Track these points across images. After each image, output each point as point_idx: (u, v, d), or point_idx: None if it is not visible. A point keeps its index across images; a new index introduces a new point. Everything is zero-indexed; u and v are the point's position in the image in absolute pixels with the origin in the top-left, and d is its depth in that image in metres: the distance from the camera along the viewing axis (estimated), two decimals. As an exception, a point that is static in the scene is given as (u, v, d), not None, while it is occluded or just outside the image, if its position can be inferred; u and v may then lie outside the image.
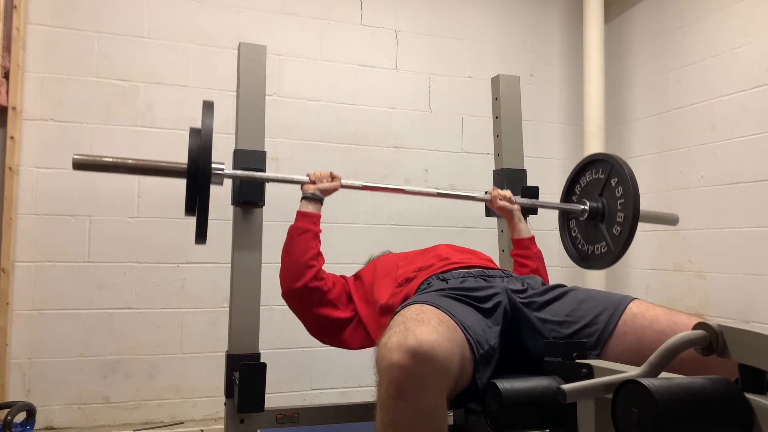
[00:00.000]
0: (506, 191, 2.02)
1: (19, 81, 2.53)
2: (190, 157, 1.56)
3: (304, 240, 1.71)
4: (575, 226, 2.13)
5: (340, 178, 1.85)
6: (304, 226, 1.73)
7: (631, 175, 1.89)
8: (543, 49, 3.51)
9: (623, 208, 1.91)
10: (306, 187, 1.81)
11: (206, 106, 1.59)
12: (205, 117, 1.56)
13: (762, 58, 2.57)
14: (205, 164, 1.54)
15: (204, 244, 1.62)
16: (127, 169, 1.69)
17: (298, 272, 1.69)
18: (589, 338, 1.25)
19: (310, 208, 1.77)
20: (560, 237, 2.19)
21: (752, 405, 0.69)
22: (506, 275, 1.51)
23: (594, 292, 1.40)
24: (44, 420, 2.54)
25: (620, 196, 1.93)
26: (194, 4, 2.85)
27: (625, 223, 1.88)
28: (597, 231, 2.00)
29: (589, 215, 2.01)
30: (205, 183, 1.54)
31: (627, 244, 1.89)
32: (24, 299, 2.55)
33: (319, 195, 1.79)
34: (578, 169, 2.13)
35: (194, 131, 1.60)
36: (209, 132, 1.55)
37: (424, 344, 0.99)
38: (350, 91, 3.09)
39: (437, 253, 1.65)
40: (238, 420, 1.72)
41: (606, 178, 1.99)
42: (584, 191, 2.09)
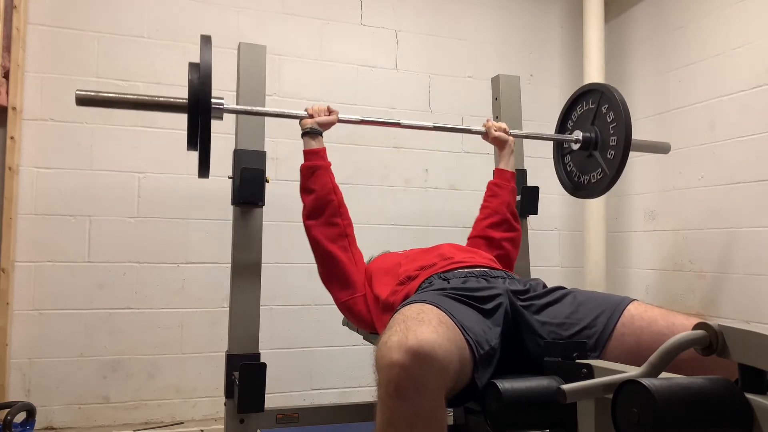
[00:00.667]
0: (501, 123, 2.10)
1: (19, 81, 2.53)
2: (190, 90, 1.59)
3: (319, 175, 1.74)
4: (570, 160, 2.18)
5: (337, 112, 1.87)
6: (314, 163, 1.75)
7: (622, 100, 1.93)
8: (543, 49, 3.51)
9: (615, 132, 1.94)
10: (304, 121, 1.82)
11: (204, 40, 1.61)
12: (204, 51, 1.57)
13: (762, 58, 2.57)
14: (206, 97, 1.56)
15: (207, 177, 1.67)
16: (129, 104, 1.73)
17: (319, 208, 1.72)
18: (588, 340, 1.25)
19: (314, 144, 1.78)
20: (555, 171, 2.24)
21: (752, 405, 0.69)
22: (508, 276, 1.51)
23: (593, 294, 1.40)
24: (44, 420, 2.54)
25: (611, 121, 1.96)
26: (194, 4, 2.85)
27: (618, 146, 1.92)
28: (591, 159, 2.05)
29: (583, 144, 2.06)
30: (205, 116, 1.57)
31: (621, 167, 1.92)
32: (24, 299, 2.55)
33: (318, 128, 1.80)
34: (570, 102, 2.18)
35: (193, 65, 1.61)
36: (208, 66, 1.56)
37: (425, 344, 0.99)
38: (350, 91, 3.09)
39: (440, 252, 1.65)
40: (238, 420, 1.72)
41: (597, 107, 2.02)
42: (577, 123, 2.13)
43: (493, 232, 1.93)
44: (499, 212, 1.95)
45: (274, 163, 2.83)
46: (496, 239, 1.92)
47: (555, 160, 2.25)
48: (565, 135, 2.13)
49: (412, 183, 3.17)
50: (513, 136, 2.08)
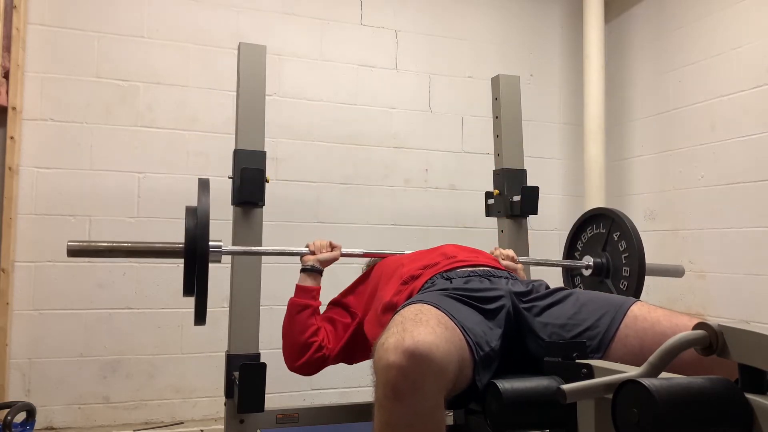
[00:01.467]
0: (509, 251, 1.96)
1: (19, 81, 2.53)
2: (186, 237, 1.52)
3: (303, 317, 1.72)
4: (580, 282, 2.12)
5: (339, 247, 1.84)
6: (303, 302, 1.73)
7: (634, 229, 1.89)
8: (543, 49, 3.51)
9: (628, 262, 1.90)
10: (305, 258, 1.80)
11: (202, 185, 1.56)
12: (202, 196, 1.53)
13: (762, 58, 2.57)
14: (203, 244, 1.50)
15: (203, 324, 1.56)
16: (123, 253, 1.68)
17: (300, 351, 1.71)
18: (591, 341, 1.24)
19: (309, 282, 1.77)
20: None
21: (752, 405, 0.69)
22: (511, 277, 1.51)
23: (595, 295, 1.39)
24: (44, 420, 2.54)
25: (623, 250, 1.92)
26: (194, 4, 2.85)
27: (632, 277, 1.87)
28: (603, 286, 1.99)
29: (594, 271, 2.00)
30: (203, 263, 1.51)
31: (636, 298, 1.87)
32: (24, 299, 2.55)
33: (318, 267, 1.78)
34: (578, 225, 2.13)
35: (190, 210, 1.55)
36: (206, 212, 1.51)
37: (421, 345, 0.99)
38: (350, 91, 3.09)
39: (443, 252, 1.65)
40: (238, 420, 1.72)
41: (608, 233, 1.99)
42: (586, 247, 2.09)
43: None
44: None
45: (274, 163, 2.83)
46: None
47: (564, 282, 2.18)
48: (576, 261, 2.07)
49: (412, 183, 3.17)
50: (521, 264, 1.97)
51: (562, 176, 3.51)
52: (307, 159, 2.98)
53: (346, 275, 1.93)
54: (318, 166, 3.01)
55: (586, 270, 2.03)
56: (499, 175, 2.31)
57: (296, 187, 2.96)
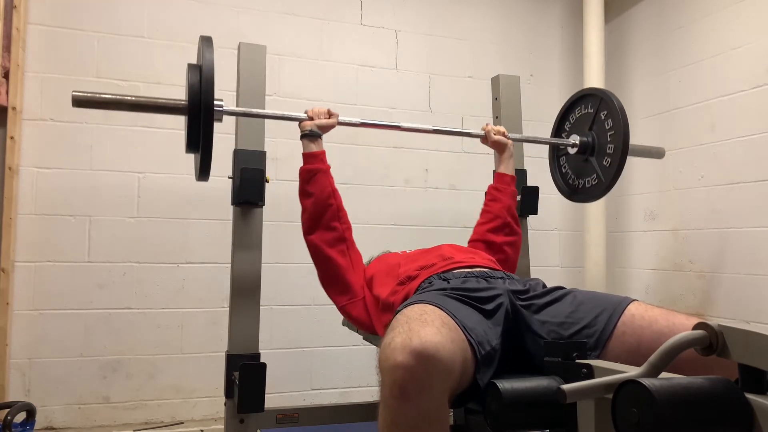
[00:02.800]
0: (500, 127, 2.10)
1: (19, 81, 2.53)
2: (190, 92, 1.55)
3: (318, 180, 1.73)
4: (565, 162, 2.17)
5: (337, 114, 1.85)
6: (314, 166, 1.74)
7: (621, 108, 1.92)
8: (543, 49, 3.51)
9: (613, 140, 1.93)
10: (304, 124, 1.81)
11: (205, 40, 1.57)
12: (205, 51, 1.54)
13: (762, 58, 2.57)
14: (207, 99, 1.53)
15: (207, 180, 1.65)
16: (126, 105, 1.69)
17: (318, 212, 1.71)
18: (589, 339, 1.25)
19: (313, 147, 1.77)
20: (551, 173, 2.24)
21: (752, 405, 0.69)
22: (508, 276, 1.51)
23: (593, 294, 1.40)
24: (44, 420, 2.54)
25: (609, 128, 1.96)
26: (194, 4, 2.85)
27: (615, 153, 1.91)
28: (587, 164, 2.04)
29: (579, 149, 2.05)
30: (208, 118, 1.53)
31: (617, 175, 1.93)
32: (24, 299, 2.55)
33: (317, 131, 1.79)
34: (568, 104, 2.17)
35: (193, 66, 1.57)
36: (210, 66, 1.53)
37: (429, 346, 0.99)
38: (350, 91, 3.09)
39: (440, 253, 1.65)
40: (238, 420, 1.72)
41: (595, 112, 2.02)
42: (574, 126, 2.13)
43: (494, 237, 1.93)
44: (500, 216, 1.95)
45: (274, 163, 2.83)
46: (497, 243, 1.92)
47: (550, 161, 2.25)
48: (563, 139, 2.13)
49: (412, 183, 3.17)
50: (512, 140, 2.08)
51: (562, 176, 3.51)
52: (307, 159, 2.98)
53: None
54: (318, 166, 3.00)
55: (572, 148, 2.08)
56: (499, 175, 2.31)
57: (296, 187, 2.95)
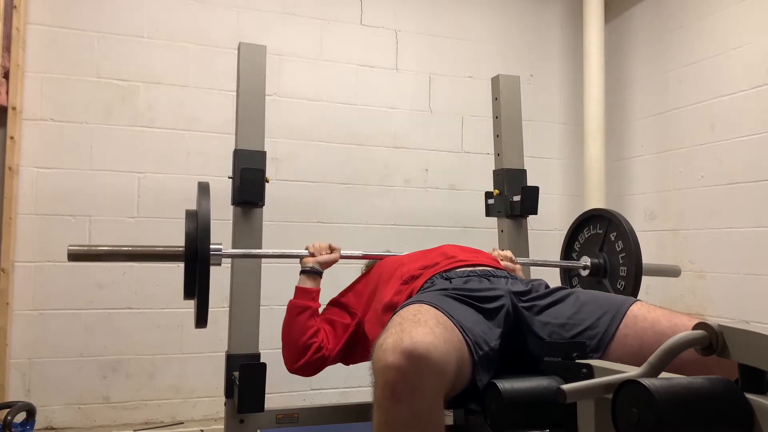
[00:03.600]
0: (507, 252, 1.96)
1: (19, 81, 2.53)
2: (187, 241, 1.52)
3: (302, 319, 1.71)
4: (578, 283, 2.12)
5: (339, 249, 1.84)
6: (303, 303, 1.73)
7: (631, 230, 1.90)
8: (543, 49, 3.51)
9: (625, 262, 1.91)
10: (305, 260, 1.80)
11: (202, 188, 1.56)
12: (202, 200, 1.52)
13: (762, 58, 2.57)
14: (204, 248, 1.50)
15: (204, 327, 1.56)
16: (124, 256, 1.67)
17: (300, 352, 1.71)
18: (591, 341, 1.24)
19: (309, 284, 1.76)
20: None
21: (752, 405, 0.69)
22: (510, 276, 1.51)
23: (595, 295, 1.39)
24: (44, 420, 2.54)
25: (620, 250, 1.93)
26: (194, 4, 2.85)
27: (629, 277, 1.88)
28: (600, 287, 2.00)
29: (591, 271, 2.01)
30: (204, 267, 1.50)
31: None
32: (24, 299, 2.55)
33: (318, 268, 1.78)
34: (575, 226, 2.14)
35: (190, 214, 1.55)
36: (206, 215, 1.51)
37: (419, 346, 0.99)
38: (350, 91, 3.09)
39: (443, 252, 1.65)
40: (238, 420, 1.72)
41: (604, 233, 1.99)
42: (584, 247, 2.09)
43: None
44: None
45: (274, 163, 2.83)
46: None
47: (562, 282, 2.19)
48: (574, 261, 2.08)
49: (412, 183, 3.17)
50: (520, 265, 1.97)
51: (562, 176, 3.51)
52: (307, 159, 2.98)
53: (347, 275, 1.93)
54: (318, 166, 3.01)
55: (583, 270, 2.04)
56: (499, 175, 2.31)
57: (296, 187, 2.96)
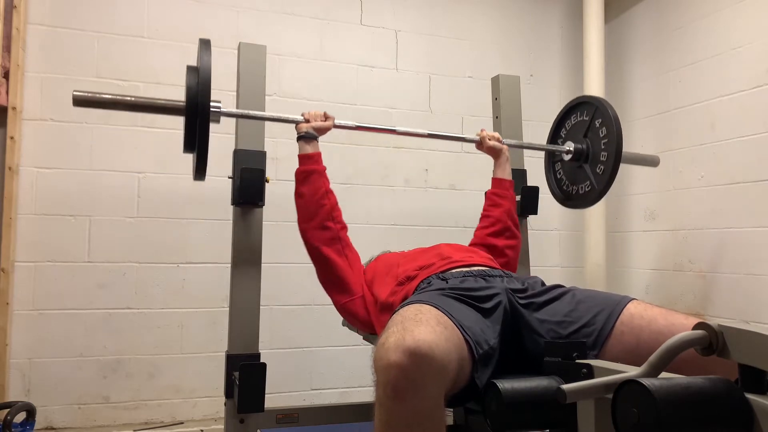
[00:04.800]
0: (495, 133, 2.12)
1: (19, 81, 2.53)
2: (188, 94, 1.59)
3: (312, 181, 1.75)
4: (560, 168, 2.21)
5: (333, 117, 1.87)
6: (309, 167, 1.76)
7: (615, 116, 1.95)
8: (543, 49, 3.51)
9: (606, 147, 1.97)
10: (300, 126, 1.83)
11: (203, 43, 1.61)
12: (203, 54, 1.58)
13: (762, 58, 2.57)
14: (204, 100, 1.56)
15: (203, 180, 1.68)
16: (126, 105, 1.72)
17: (311, 212, 1.73)
18: (587, 338, 1.25)
19: (309, 149, 1.79)
20: (546, 179, 2.27)
21: (752, 405, 0.69)
22: (506, 275, 1.51)
23: (592, 293, 1.40)
24: (44, 420, 2.54)
25: (604, 136, 1.99)
26: (194, 4, 2.85)
27: (608, 161, 1.95)
28: (581, 171, 2.08)
29: (574, 156, 2.09)
30: (204, 121, 1.57)
31: (610, 182, 1.96)
32: (24, 299, 2.55)
33: (313, 133, 1.81)
34: (564, 112, 2.21)
35: (191, 68, 1.61)
36: (208, 69, 1.57)
37: (422, 345, 0.99)
38: (350, 91, 3.09)
39: (438, 252, 1.65)
40: (238, 420, 1.72)
41: (590, 120, 2.05)
42: (569, 134, 2.16)
43: (495, 240, 1.94)
44: (500, 220, 1.97)
45: (274, 163, 2.83)
46: (499, 247, 1.93)
47: (546, 166, 2.29)
48: (557, 146, 2.16)
49: (412, 183, 3.17)
50: (507, 146, 2.10)
51: (562, 176, 3.51)
52: (307, 159, 2.98)
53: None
54: (318, 166, 3.00)
55: (566, 155, 2.12)
56: (499, 175, 2.31)
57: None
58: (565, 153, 2.11)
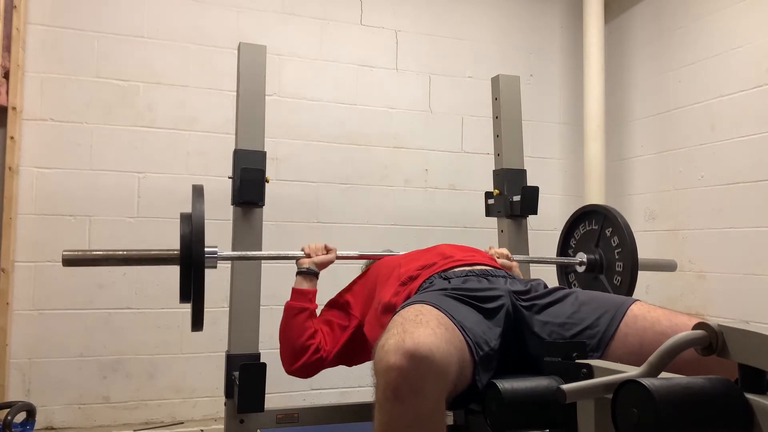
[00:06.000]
0: (503, 249, 1.98)
1: (19, 81, 2.53)
2: (182, 244, 1.51)
3: (300, 321, 1.71)
4: (575, 279, 2.13)
5: (335, 249, 1.84)
6: (300, 305, 1.73)
7: (626, 224, 1.91)
8: (543, 49, 3.51)
9: (621, 257, 1.91)
10: (301, 261, 1.80)
11: (196, 191, 1.55)
12: (196, 202, 1.52)
13: (762, 58, 2.57)
14: (198, 251, 1.49)
15: (200, 330, 1.56)
16: (119, 261, 1.67)
17: (297, 354, 1.71)
18: (591, 340, 1.24)
19: (306, 285, 1.76)
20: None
21: (752, 405, 0.69)
22: (509, 276, 1.51)
23: (596, 294, 1.39)
24: (44, 420, 2.54)
25: (616, 245, 1.94)
26: (194, 4, 2.85)
27: (625, 272, 1.89)
28: (597, 282, 2.00)
29: (588, 267, 2.02)
30: (198, 270, 1.49)
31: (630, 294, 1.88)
32: (24, 299, 2.55)
33: (314, 269, 1.78)
34: (570, 222, 2.15)
35: (185, 216, 1.54)
36: (201, 218, 1.50)
37: (422, 347, 0.99)
38: (350, 91, 3.09)
39: (440, 252, 1.65)
40: (238, 420, 1.72)
41: (600, 229, 2.00)
42: (579, 244, 2.11)
43: None
44: None
45: (274, 163, 2.83)
46: None
47: (558, 277, 2.21)
48: (570, 258, 2.09)
49: (412, 183, 3.17)
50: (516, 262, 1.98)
51: (562, 176, 3.51)
52: (307, 159, 2.98)
53: (346, 275, 1.93)
54: (318, 166, 3.01)
55: (579, 267, 2.05)
56: (499, 175, 2.31)
57: (296, 187, 2.96)
58: (578, 265, 2.05)
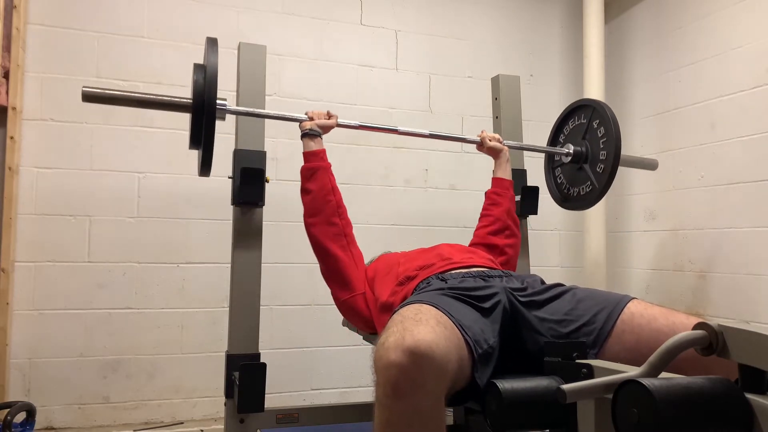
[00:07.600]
0: (495, 134, 2.16)
1: (19, 81, 2.53)
2: (195, 90, 1.62)
3: (317, 178, 1.76)
4: (560, 172, 2.25)
5: (336, 116, 1.89)
6: (313, 164, 1.78)
7: (612, 116, 2.00)
8: (543, 49, 3.51)
9: (605, 147, 2.01)
10: (304, 124, 1.85)
11: (210, 41, 1.65)
12: (210, 53, 1.62)
13: (762, 58, 2.57)
14: (211, 98, 1.60)
15: (208, 176, 1.73)
16: (133, 102, 1.74)
17: (318, 208, 1.75)
18: (587, 337, 1.25)
19: (313, 146, 1.80)
20: (546, 183, 2.31)
21: (752, 405, 0.69)
22: (506, 275, 1.51)
23: (593, 291, 1.40)
24: (44, 420, 2.54)
25: (602, 136, 2.03)
26: (194, 4, 2.85)
27: (608, 159, 1.99)
28: (581, 173, 2.12)
29: (573, 158, 2.13)
30: (210, 119, 1.60)
31: (610, 180, 2.00)
32: (24, 299, 2.55)
33: (317, 130, 1.83)
34: (563, 116, 2.24)
35: (198, 66, 1.65)
36: (214, 67, 1.61)
37: (422, 344, 0.99)
38: (350, 91, 3.09)
39: (438, 253, 1.66)
40: (238, 420, 1.72)
41: (588, 122, 2.10)
42: (569, 137, 2.20)
43: (496, 239, 1.95)
44: (500, 219, 1.99)
45: (274, 163, 2.83)
46: (499, 246, 1.94)
47: (546, 171, 2.32)
48: (557, 148, 2.19)
49: (412, 183, 3.17)
50: (507, 147, 2.13)
51: (562, 176, 3.51)
52: (307, 159, 2.98)
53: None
54: (318, 166, 3.00)
55: (566, 157, 2.16)
56: (500, 175, 2.32)
57: (296, 187, 2.94)
58: (564, 155, 2.15)
